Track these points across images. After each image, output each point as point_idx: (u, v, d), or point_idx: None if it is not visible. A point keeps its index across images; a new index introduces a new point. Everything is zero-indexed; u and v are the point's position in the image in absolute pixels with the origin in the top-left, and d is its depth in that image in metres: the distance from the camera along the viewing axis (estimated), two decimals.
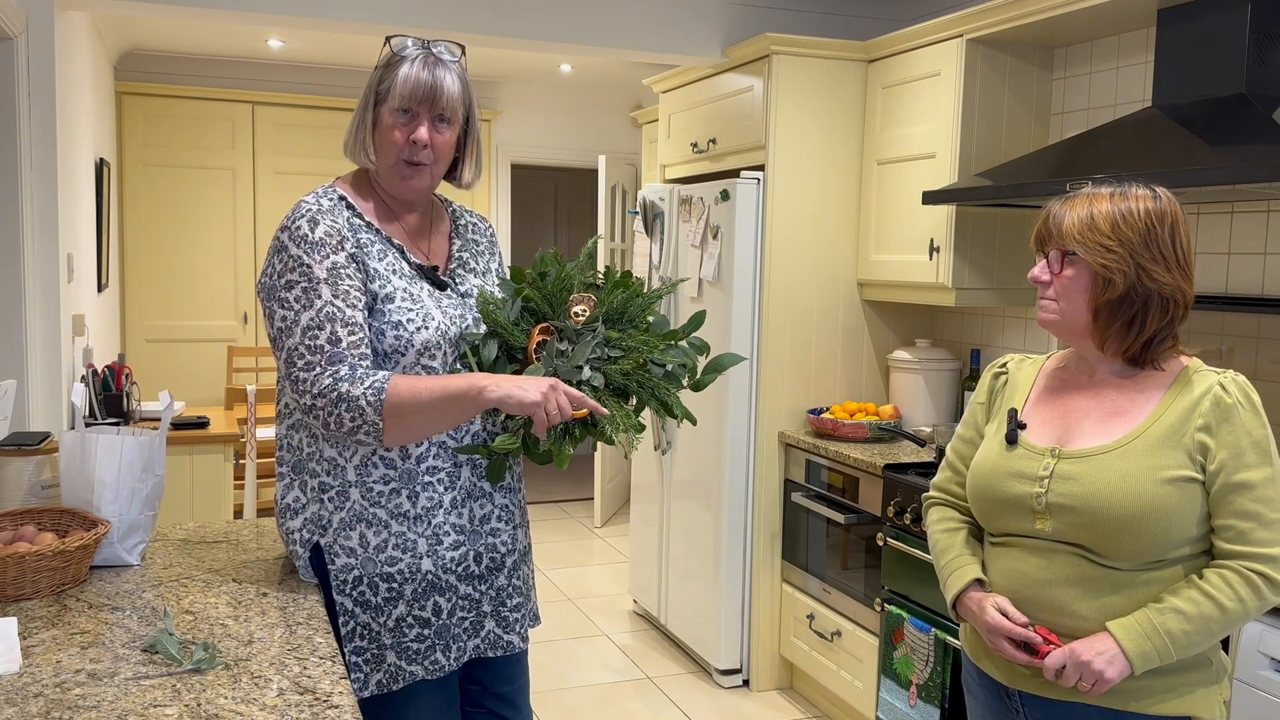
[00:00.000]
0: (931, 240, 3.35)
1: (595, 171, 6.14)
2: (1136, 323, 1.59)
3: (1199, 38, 2.61)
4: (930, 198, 3.14)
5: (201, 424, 3.98)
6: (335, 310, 1.68)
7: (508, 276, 1.89)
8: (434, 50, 1.78)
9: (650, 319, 1.83)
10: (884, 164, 3.63)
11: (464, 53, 1.83)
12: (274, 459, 4.10)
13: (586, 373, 1.72)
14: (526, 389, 1.63)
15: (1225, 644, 2.07)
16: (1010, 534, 1.68)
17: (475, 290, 1.85)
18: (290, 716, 1.30)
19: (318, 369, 1.67)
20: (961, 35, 3.24)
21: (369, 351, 1.71)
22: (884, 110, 3.63)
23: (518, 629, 1.90)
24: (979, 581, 1.71)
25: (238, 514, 4.04)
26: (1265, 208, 2.73)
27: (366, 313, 1.73)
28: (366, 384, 1.65)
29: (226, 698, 1.34)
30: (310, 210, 1.74)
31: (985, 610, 1.65)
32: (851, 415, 3.64)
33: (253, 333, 6.04)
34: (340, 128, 6.09)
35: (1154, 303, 1.58)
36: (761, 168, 3.72)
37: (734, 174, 3.84)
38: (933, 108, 3.37)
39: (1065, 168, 2.73)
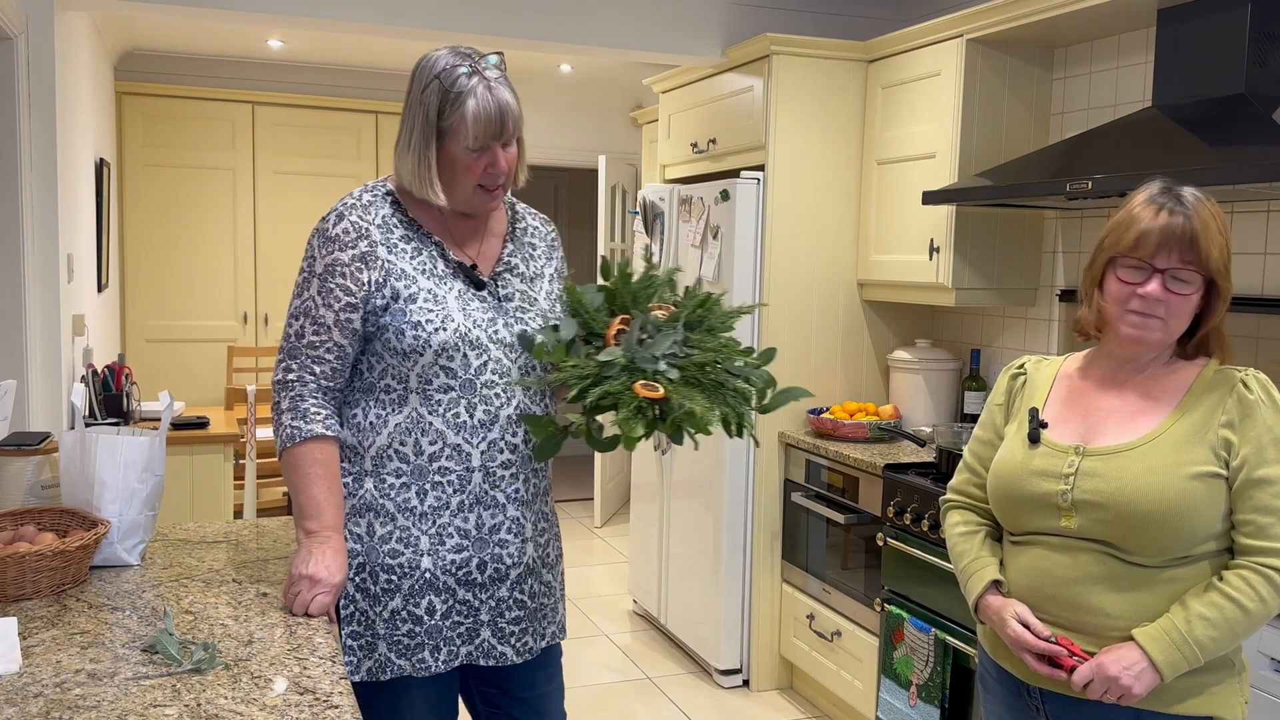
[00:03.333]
0: (931, 240, 3.35)
1: (595, 171, 6.14)
2: (1203, 321, 1.63)
3: (1199, 38, 2.61)
4: (930, 198, 3.14)
5: (201, 424, 3.98)
6: (311, 306, 1.76)
7: (566, 274, 1.92)
8: (484, 73, 1.74)
9: (726, 335, 1.80)
10: (884, 164, 3.63)
11: (502, 59, 1.81)
12: (273, 457, 4.10)
13: (663, 365, 1.68)
14: (315, 571, 1.69)
15: None
16: (1033, 532, 1.68)
17: (518, 295, 1.85)
18: (290, 716, 1.30)
19: (282, 356, 1.79)
20: (961, 35, 3.24)
21: (329, 356, 1.76)
22: (884, 110, 3.63)
23: (513, 642, 1.87)
24: (997, 583, 1.72)
25: (238, 514, 4.04)
26: (1265, 208, 2.73)
27: (350, 313, 1.75)
28: (291, 424, 1.75)
29: (226, 698, 1.34)
30: (344, 205, 1.80)
31: (1006, 623, 1.65)
32: (851, 415, 3.64)
33: (253, 333, 6.04)
34: (340, 128, 6.10)
35: (1219, 304, 1.62)
36: (761, 168, 3.72)
37: (734, 174, 3.84)
38: (933, 108, 3.37)
39: (1065, 168, 2.73)
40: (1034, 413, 1.72)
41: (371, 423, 1.78)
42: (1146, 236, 1.58)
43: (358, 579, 1.79)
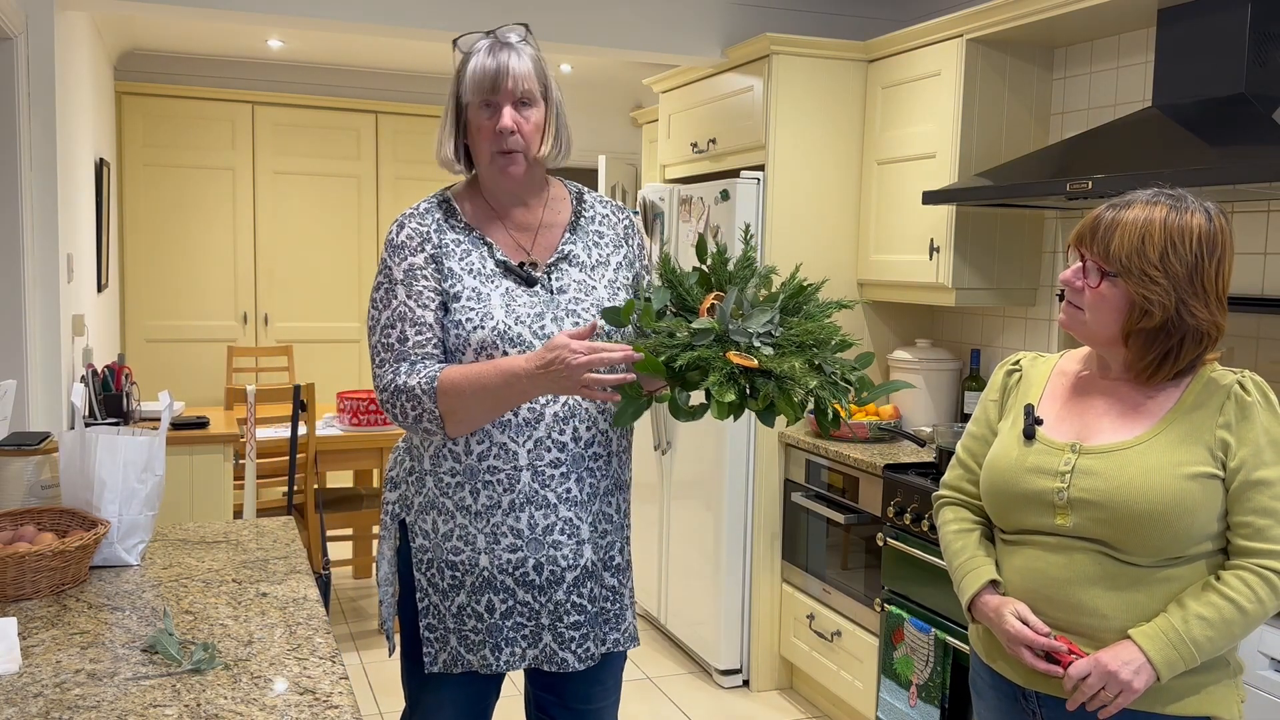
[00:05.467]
0: (931, 240, 3.35)
1: (595, 171, 6.14)
2: (1171, 356, 1.57)
3: (1199, 38, 2.61)
4: (930, 198, 3.14)
5: (201, 424, 3.98)
6: (406, 310, 1.78)
7: (648, 264, 1.91)
8: (501, 38, 1.80)
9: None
10: (884, 164, 3.63)
11: (529, 31, 1.84)
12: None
13: (756, 341, 1.63)
14: (554, 372, 1.63)
15: None
16: (1027, 530, 1.67)
17: (573, 285, 1.85)
18: (290, 716, 1.30)
19: (387, 365, 1.78)
20: (961, 35, 3.24)
21: (437, 351, 1.78)
22: (884, 110, 3.63)
23: (574, 648, 1.85)
24: (994, 583, 1.71)
25: (237, 514, 4.04)
26: (1265, 208, 2.73)
27: (442, 312, 1.79)
28: (422, 374, 1.73)
29: (226, 698, 1.34)
30: (404, 216, 1.85)
31: (1005, 618, 1.64)
32: (851, 415, 3.64)
33: (252, 333, 6.04)
34: (340, 127, 6.10)
35: (1189, 337, 1.56)
36: (761, 168, 3.72)
37: (734, 174, 3.84)
38: (933, 108, 3.37)
39: (1065, 168, 2.73)
40: (1029, 409, 1.71)
41: None
42: (1080, 225, 1.63)
43: (429, 573, 1.84)
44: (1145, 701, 1.57)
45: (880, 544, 3.11)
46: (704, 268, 1.75)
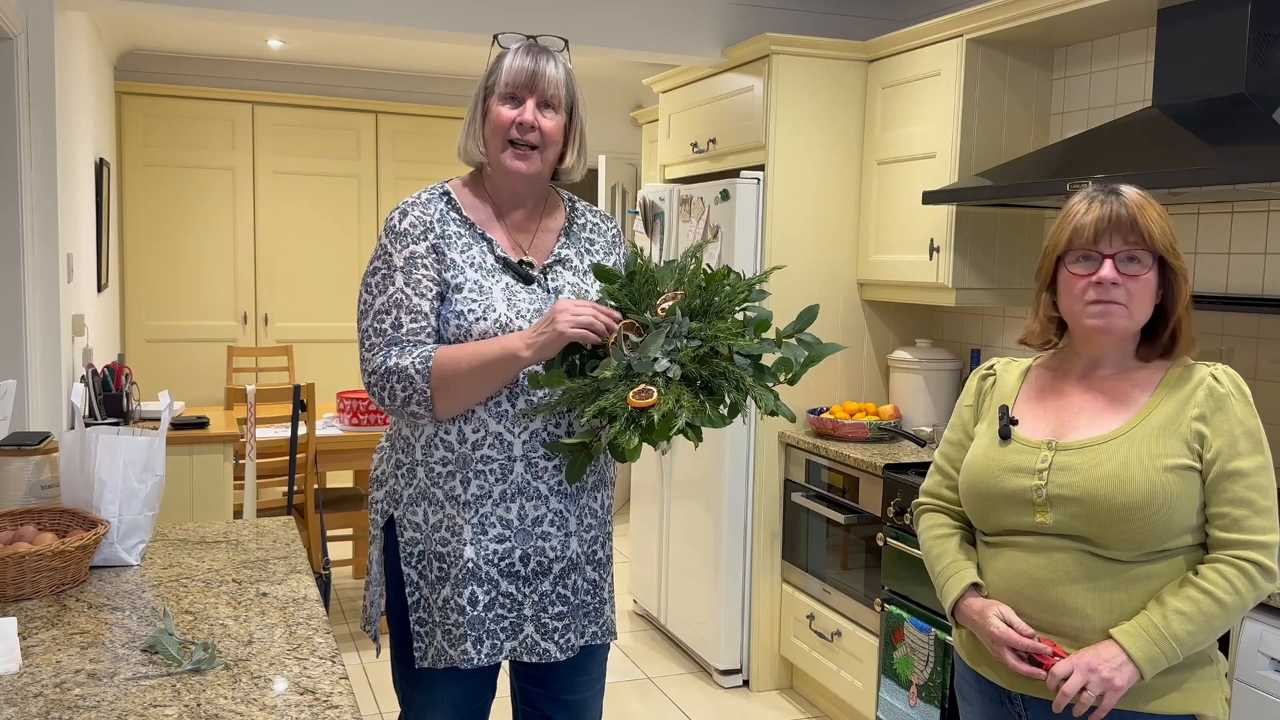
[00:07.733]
0: (931, 240, 3.35)
1: (595, 171, 6.13)
2: (1171, 311, 1.64)
3: (1199, 38, 2.61)
4: (930, 198, 3.14)
5: (201, 424, 3.97)
6: (403, 297, 1.79)
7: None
8: (538, 42, 1.86)
9: (743, 313, 1.75)
10: (884, 164, 3.63)
11: (567, 46, 1.90)
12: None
13: (663, 364, 1.66)
14: (544, 331, 1.71)
15: (1224, 643, 2.07)
16: (1007, 531, 1.67)
17: (568, 287, 1.88)
18: (290, 716, 1.30)
19: (377, 350, 1.78)
20: (961, 35, 3.24)
21: (428, 340, 1.79)
22: (884, 110, 3.63)
23: (556, 638, 1.87)
24: (975, 586, 1.71)
25: (238, 514, 4.04)
26: (1265, 208, 2.73)
27: (438, 301, 1.80)
28: (415, 354, 1.75)
29: (226, 698, 1.34)
30: (406, 203, 1.86)
31: (988, 620, 1.64)
32: (851, 415, 3.64)
33: (252, 333, 6.04)
34: (340, 127, 6.10)
35: (1184, 290, 1.63)
36: (761, 168, 3.72)
37: (734, 174, 3.84)
38: (933, 108, 3.37)
39: (1065, 168, 2.73)
40: (1004, 410, 1.72)
41: None
42: (1084, 226, 1.62)
43: (419, 566, 1.85)
44: (1129, 700, 1.57)
45: (880, 544, 3.11)
46: (610, 291, 1.80)
